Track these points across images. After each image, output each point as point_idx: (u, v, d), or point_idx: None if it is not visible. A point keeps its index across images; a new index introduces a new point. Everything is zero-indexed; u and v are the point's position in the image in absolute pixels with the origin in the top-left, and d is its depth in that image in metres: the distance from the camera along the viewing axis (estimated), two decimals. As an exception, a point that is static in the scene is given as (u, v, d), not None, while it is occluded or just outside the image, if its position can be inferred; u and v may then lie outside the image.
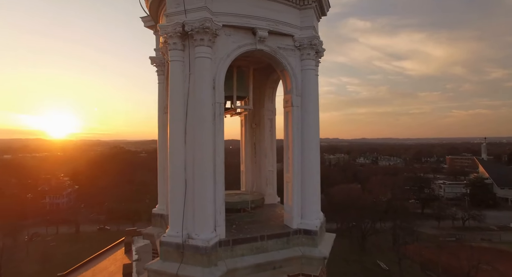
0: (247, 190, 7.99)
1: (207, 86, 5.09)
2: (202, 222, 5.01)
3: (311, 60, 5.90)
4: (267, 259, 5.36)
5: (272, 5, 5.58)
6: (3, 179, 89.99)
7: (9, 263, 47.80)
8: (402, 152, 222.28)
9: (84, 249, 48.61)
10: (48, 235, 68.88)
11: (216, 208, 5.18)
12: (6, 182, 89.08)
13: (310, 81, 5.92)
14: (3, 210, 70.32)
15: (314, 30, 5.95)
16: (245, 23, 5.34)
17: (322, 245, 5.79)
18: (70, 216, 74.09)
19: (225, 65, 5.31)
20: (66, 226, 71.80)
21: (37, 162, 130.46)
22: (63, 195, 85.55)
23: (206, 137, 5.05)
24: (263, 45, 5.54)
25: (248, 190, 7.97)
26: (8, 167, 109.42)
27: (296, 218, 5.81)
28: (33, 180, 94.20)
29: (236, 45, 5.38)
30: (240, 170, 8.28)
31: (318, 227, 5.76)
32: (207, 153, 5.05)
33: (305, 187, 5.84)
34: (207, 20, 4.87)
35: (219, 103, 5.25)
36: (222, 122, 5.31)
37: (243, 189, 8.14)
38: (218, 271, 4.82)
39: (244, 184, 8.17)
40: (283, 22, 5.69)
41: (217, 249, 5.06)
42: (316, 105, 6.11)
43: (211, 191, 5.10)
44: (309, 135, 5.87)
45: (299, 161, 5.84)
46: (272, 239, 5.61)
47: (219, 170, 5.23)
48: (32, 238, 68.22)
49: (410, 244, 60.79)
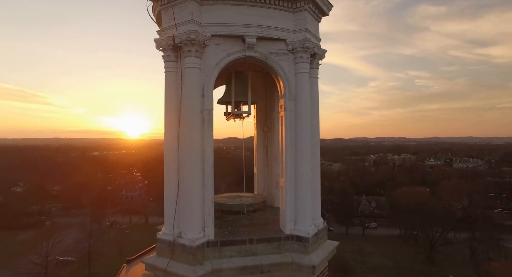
0: (257, 193, 8.10)
1: (196, 95, 5.38)
2: (190, 223, 5.32)
3: (304, 63, 5.78)
4: (254, 263, 5.44)
5: (263, 11, 5.63)
6: (92, 174, 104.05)
7: (96, 244, 55.72)
8: (486, 153, 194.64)
9: (152, 238, 53.58)
10: (123, 223, 77.49)
11: (205, 210, 5.45)
12: (93, 176, 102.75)
13: (304, 84, 5.81)
14: (92, 199, 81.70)
15: (308, 32, 5.81)
16: (233, 32, 5.49)
17: (316, 253, 5.65)
18: (140, 208, 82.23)
19: (214, 73, 5.54)
20: (137, 217, 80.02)
21: (116, 159, 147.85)
22: (135, 188, 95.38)
23: (194, 143, 5.35)
24: (252, 52, 5.63)
25: (258, 193, 8.08)
26: (96, 163, 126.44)
27: (289, 223, 5.77)
28: (113, 174, 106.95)
29: (225, 53, 5.56)
30: (254, 172, 8.42)
31: (311, 234, 5.62)
32: (195, 158, 5.35)
33: (299, 193, 5.75)
34: (192, 32, 5.15)
35: (207, 110, 5.51)
36: (211, 128, 5.55)
37: (255, 192, 8.27)
38: (201, 270, 5.08)
39: (256, 187, 8.29)
40: (274, 27, 5.69)
41: (204, 249, 5.32)
42: (313, 109, 6.00)
43: (199, 194, 5.38)
44: (303, 140, 5.77)
45: (292, 166, 5.77)
46: (262, 243, 5.66)
47: (208, 174, 5.49)
48: (112, 225, 77.55)
49: (496, 261, 52.98)
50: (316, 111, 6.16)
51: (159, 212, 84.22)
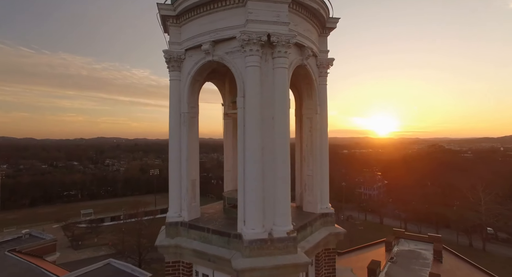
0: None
1: (175, 101, 6.63)
2: (171, 205, 6.67)
3: (253, 56, 5.44)
4: (206, 250, 5.92)
5: (215, 16, 5.95)
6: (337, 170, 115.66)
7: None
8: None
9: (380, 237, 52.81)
10: (358, 220, 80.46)
11: (181, 196, 6.59)
12: (338, 172, 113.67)
13: (253, 79, 5.46)
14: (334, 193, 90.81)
15: (256, 23, 5.38)
16: (195, 43, 6.24)
17: (253, 259, 5.20)
18: (377, 208, 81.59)
19: (187, 81, 6.51)
20: (372, 215, 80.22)
21: (362, 157, 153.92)
22: (374, 188, 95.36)
23: (173, 143, 6.63)
24: (211, 56, 6.08)
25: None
26: (343, 160, 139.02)
27: (240, 223, 5.67)
28: (354, 171, 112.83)
29: (194, 63, 6.39)
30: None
31: (251, 238, 5.25)
32: (174, 154, 6.62)
33: (248, 195, 5.49)
34: (168, 51, 6.50)
35: (183, 113, 6.58)
36: (186, 129, 6.55)
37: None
38: (166, 242, 6.33)
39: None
40: (226, 27, 5.82)
41: (178, 227, 6.50)
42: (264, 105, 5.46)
43: (177, 184, 6.60)
44: (251, 139, 5.43)
45: (242, 166, 5.60)
46: (215, 234, 5.98)
47: (184, 169, 6.55)
48: (348, 219, 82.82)
49: None
50: (283, 107, 5.47)
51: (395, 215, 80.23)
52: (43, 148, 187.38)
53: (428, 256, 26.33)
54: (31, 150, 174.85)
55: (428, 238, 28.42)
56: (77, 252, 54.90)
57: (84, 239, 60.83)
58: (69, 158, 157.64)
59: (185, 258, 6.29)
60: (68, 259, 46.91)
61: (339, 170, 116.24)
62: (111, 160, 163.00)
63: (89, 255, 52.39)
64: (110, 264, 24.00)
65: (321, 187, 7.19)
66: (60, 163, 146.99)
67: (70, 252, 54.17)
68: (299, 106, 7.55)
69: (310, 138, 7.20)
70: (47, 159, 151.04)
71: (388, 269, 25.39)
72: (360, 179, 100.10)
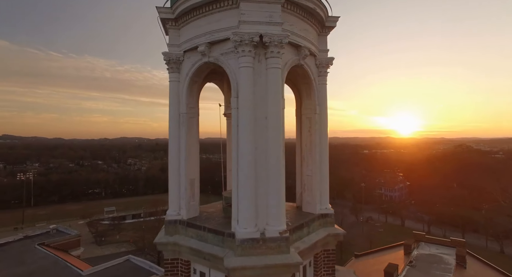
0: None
1: (174, 101, 6.78)
2: (170, 204, 6.83)
3: (246, 57, 5.49)
4: (202, 248, 6.01)
5: (211, 18, 6.04)
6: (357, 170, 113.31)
7: (348, 234, 62.13)
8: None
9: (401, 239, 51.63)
10: (378, 221, 78.48)
11: (180, 195, 6.73)
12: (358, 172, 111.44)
13: (246, 79, 5.50)
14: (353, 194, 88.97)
15: (248, 24, 5.43)
16: (192, 45, 6.36)
17: (244, 259, 5.24)
18: (398, 209, 79.29)
19: (186, 82, 6.64)
20: (393, 217, 77.99)
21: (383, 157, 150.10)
22: (395, 189, 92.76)
23: (173, 143, 6.78)
24: (207, 58, 6.17)
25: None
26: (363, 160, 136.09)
27: (233, 222, 5.73)
28: (375, 172, 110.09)
29: (191, 64, 6.52)
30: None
31: (244, 237, 5.30)
32: (173, 154, 6.77)
33: (241, 194, 5.54)
34: (167, 53, 6.66)
35: (182, 114, 6.71)
36: (185, 129, 6.68)
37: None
38: (164, 239, 6.49)
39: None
40: (221, 28, 5.90)
41: (176, 225, 6.64)
42: (257, 105, 5.49)
43: (176, 183, 6.75)
44: (244, 138, 5.48)
45: (235, 166, 5.66)
46: (211, 233, 6.07)
47: (183, 168, 6.68)
48: (368, 220, 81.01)
49: None
50: (276, 107, 5.48)
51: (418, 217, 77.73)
52: (70, 148, 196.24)
53: (450, 261, 25.19)
54: (60, 149, 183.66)
55: (451, 242, 27.17)
56: (101, 248, 57.02)
57: (107, 235, 63.17)
58: (94, 157, 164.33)
59: (183, 256, 6.43)
60: (92, 254, 48.91)
61: (359, 171, 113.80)
62: (133, 159, 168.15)
63: (111, 251, 54.27)
64: (129, 260, 24.89)
65: (320, 187, 7.11)
66: (86, 162, 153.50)
67: (94, 247, 56.38)
68: (298, 105, 7.51)
69: (309, 138, 7.15)
70: (74, 158, 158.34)
71: (406, 273, 24.57)
72: (381, 180, 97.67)
